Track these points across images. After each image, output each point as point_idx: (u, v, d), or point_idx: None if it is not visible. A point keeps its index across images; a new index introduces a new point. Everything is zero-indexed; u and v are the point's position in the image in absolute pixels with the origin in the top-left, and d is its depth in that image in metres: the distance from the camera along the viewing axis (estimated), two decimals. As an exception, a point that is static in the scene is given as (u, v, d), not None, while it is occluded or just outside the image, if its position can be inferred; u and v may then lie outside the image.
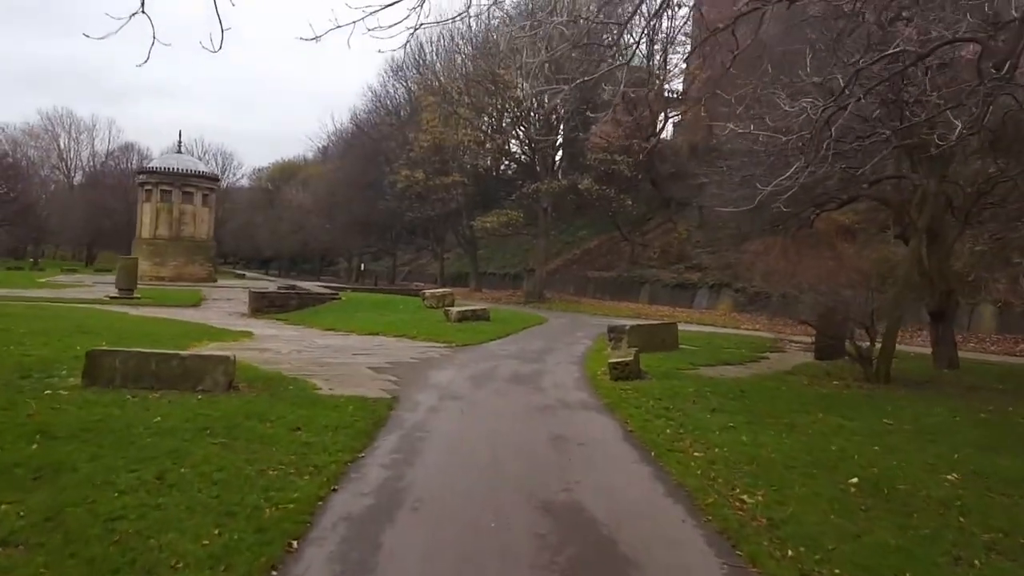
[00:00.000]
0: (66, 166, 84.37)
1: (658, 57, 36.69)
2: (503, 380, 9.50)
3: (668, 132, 42.91)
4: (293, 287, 29.81)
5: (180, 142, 47.77)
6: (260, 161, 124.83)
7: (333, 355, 11.89)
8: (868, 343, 10.17)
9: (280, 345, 13.13)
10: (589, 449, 5.82)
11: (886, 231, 23.58)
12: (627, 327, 13.10)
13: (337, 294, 25.01)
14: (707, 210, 35.62)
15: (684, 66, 39.84)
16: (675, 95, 41.13)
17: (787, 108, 8.89)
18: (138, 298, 25.20)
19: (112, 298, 24.68)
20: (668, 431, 6.34)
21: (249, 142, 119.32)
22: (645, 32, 35.86)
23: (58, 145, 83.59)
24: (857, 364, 10.19)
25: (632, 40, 37.59)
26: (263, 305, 22.94)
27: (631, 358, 9.55)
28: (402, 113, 41.53)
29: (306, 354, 11.86)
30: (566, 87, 6.17)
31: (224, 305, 25.46)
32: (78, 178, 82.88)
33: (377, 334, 16.25)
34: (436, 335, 15.66)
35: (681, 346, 14.00)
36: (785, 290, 24.81)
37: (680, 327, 20.91)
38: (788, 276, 25.70)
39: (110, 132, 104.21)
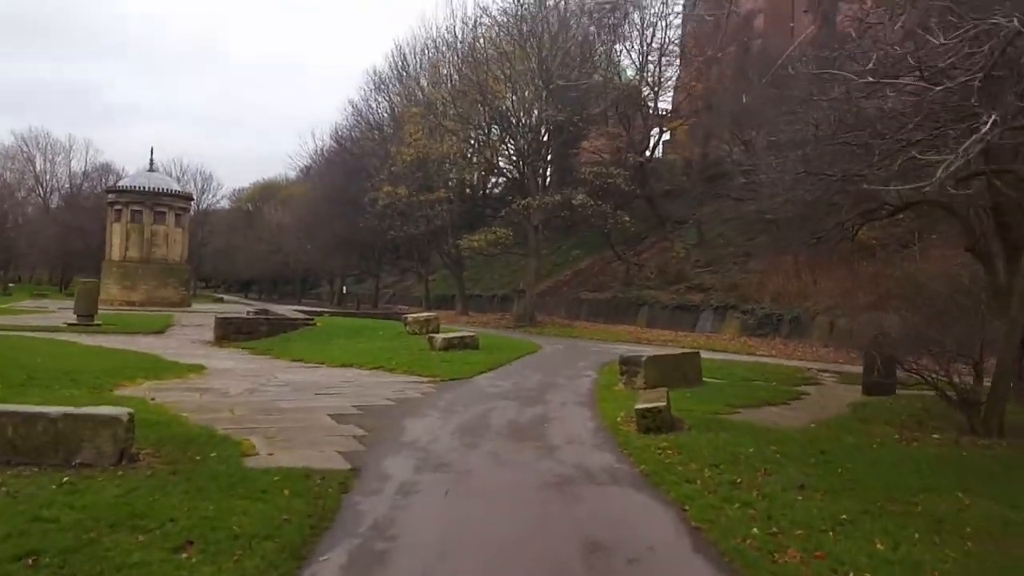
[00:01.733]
0: (42, 188, 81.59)
1: (652, 67, 35.28)
2: (500, 434, 7.41)
3: (658, 151, 41.45)
4: (265, 312, 27.58)
5: (152, 160, 45.46)
6: (242, 182, 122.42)
7: (291, 396, 9.75)
8: (970, 383, 8.11)
9: (231, 383, 10.98)
10: (647, 572, 3.78)
11: (908, 247, 21.88)
12: (643, 358, 11.09)
13: (312, 319, 22.83)
14: (706, 228, 34.03)
15: (676, 76, 38.51)
16: (665, 112, 39.74)
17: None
18: (98, 325, 22.93)
19: (70, 325, 22.40)
20: (754, 529, 4.30)
21: (231, 163, 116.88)
22: (638, 42, 34.54)
23: (34, 167, 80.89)
24: (951, 407, 8.13)
25: (624, 50, 36.36)
26: (229, 332, 20.70)
27: (663, 403, 7.51)
28: (385, 128, 39.74)
29: (258, 396, 9.71)
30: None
31: (191, 332, 23.19)
32: (55, 200, 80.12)
33: (350, 366, 14.12)
34: (418, 367, 13.56)
35: (704, 379, 12.00)
36: (799, 312, 23.07)
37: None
38: (800, 297, 23.98)
39: (87, 153, 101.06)
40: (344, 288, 52.40)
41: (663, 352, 18.77)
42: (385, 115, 40.52)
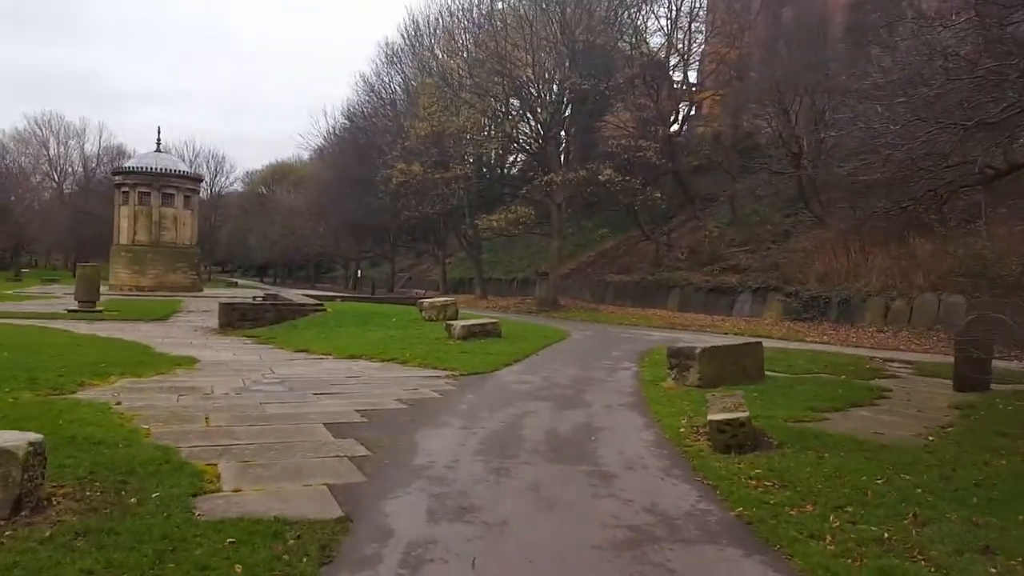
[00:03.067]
0: (56, 173, 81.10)
1: (681, 35, 33.05)
2: (537, 452, 5.78)
3: (685, 125, 39.18)
4: (274, 297, 26.19)
5: (159, 140, 44.04)
6: (256, 165, 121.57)
7: (285, 398, 8.21)
8: None
9: (220, 380, 9.48)
10: None
11: (971, 223, 19.79)
12: (696, 350, 9.39)
13: (321, 305, 21.36)
14: (740, 205, 31.96)
15: (703, 45, 36.15)
16: (694, 85, 37.45)
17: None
18: (100, 311, 21.73)
19: (70, 312, 21.24)
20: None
21: (245, 146, 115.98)
22: (666, 6, 32.33)
23: (47, 151, 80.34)
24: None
25: (652, 15, 34.06)
26: (234, 319, 19.32)
27: (744, 412, 5.84)
28: (398, 104, 37.94)
29: (246, 397, 8.18)
30: None
31: (196, 319, 21.89)
32: (69, 184, 79.58)
33: (359, 357, 12.59)
34: (434, 359, 12.00)
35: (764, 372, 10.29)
36: (848, 294, 21.11)
37: (725, 340, 17.25)
38: (849, 277, 21.98)
39: (100, 136, 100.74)
40: (359, 272, 51.04)
41: (703, 339, 17.10)
42: (398, 89, 38.73)
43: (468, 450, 5.70)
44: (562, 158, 29.10)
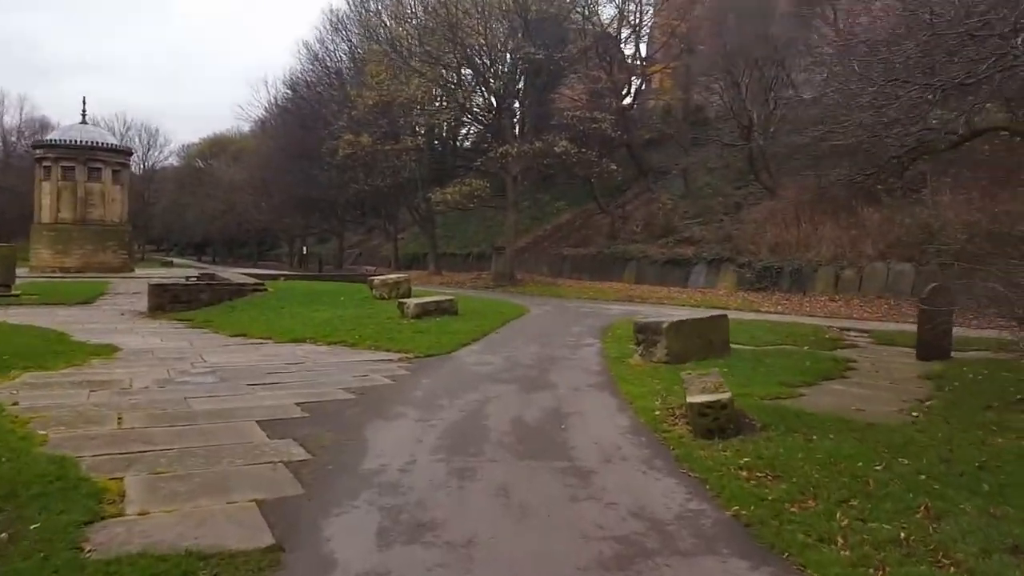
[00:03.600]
0: (-32, 146, 75.16)
1: (633, 7, 32.35)
2: (504, 446, 5.14)
3: (636, 100, 38.70)
4: (211, 277, 24.70)
5: (84, 111, 40.96)
6: (193, 138, 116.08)
7: (214, 390, 7.34)
8: None
9: (141, 371, 8.49)
10: None
11: (917, 192, 19.96)
12: (663, 324, 8.91)
13: (263, 284, 20.13)
14: (692, 178, 31.86)
15: (652, 19, 35.54)
16: (644, 60, 36.90)
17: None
18: (16, 295, 19.94)
19: (-19, 296, 19.43)
20: None
21: (182, 120, 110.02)
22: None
23: (-41, 123, 74.24)
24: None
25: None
26: (165, 301, 17.95)
27: (726, 393, 5.33)
28: (344, 72, 36.18)
29: (170, 391, 7.27)
30: None
31: (124, 301, 20.38)
32: (-16, 159, 73.92)
33: (303, 341, 11.68)
34: (386, 340, 11.22)
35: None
36: (800, 263, 21.16)
37: (684, 312, 17.00)
38: (800, 247, 22.04)
39: (22, 108, 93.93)
40: (304, 249, 49.17)
41: (663, 311, 16.74)
42: (344, 57, 36.92)
43: (426, 447, 5.01)
44: (516, 130, 28.26)
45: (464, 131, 38.69)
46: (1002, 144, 13.73)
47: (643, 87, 36.26)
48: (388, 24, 28.71)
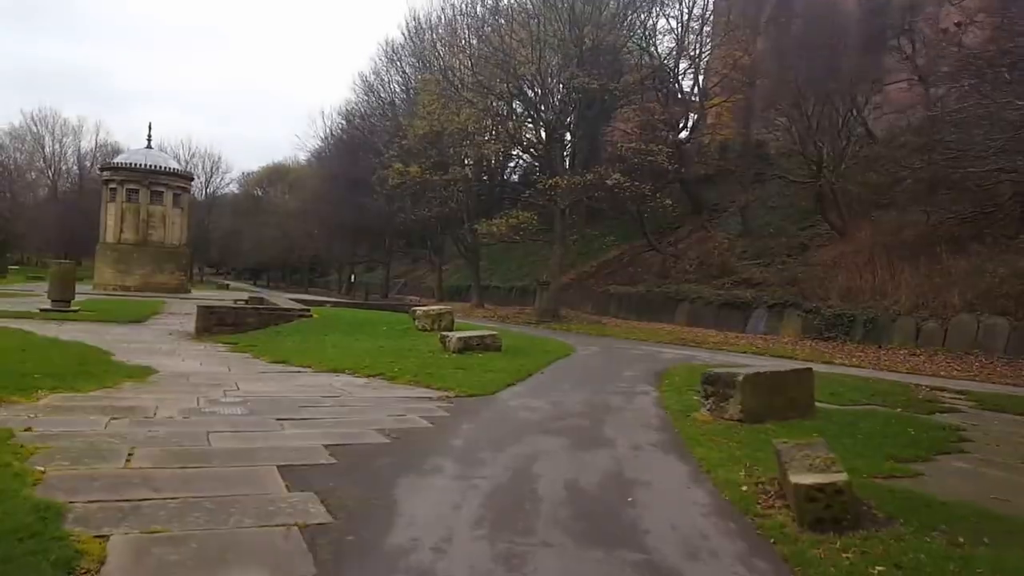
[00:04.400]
0: (51, 170, 79.43)
1: (692, 38, 31.79)
2: (559, 523, 4.29)
3: (692, 134, 37.81)
4: (260, 301, 24.69)
5: (150, 136, 42.59)
6: (252, 166, 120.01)
7: (241, 424, 6.74)
8: None
9: (169, 397, 7.99)
10: None
11: (1012, 238, 18.36)
12: (738, 377, 7.93)
13: (308, 310, 19.87)
14: (750, 216, 30.60)
15: (710, 51, 34.76)
16: (700, 91, 36.11)
17: None
18: (75, 311, 20.29)
19: (43, 311, 19.80)
20: None
21: (243, 147, 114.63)
22: (677, 7, 31.09)
23: (42, 148, 78.71)
24: None
25: (663, 16, 32.86)
26: (211, 324, 17.84)
27: (839, 476, 4.37)
28: (397, 103, 36.65)
29: (193, 424, 6.70)
30: None
31: (175, 322, 20.42)
32: (67, 183, 77.88)
33: (342, 371, 11.11)
34: (426, 375, 10.54)
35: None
36: (875, 312, 19.62)
37: (745, 359, 15.83)
38: (875, 295, 20.51)
39: (97, 134, 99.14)
40: (352, 277, 49.50)
41: (720, 358, 15.71)
42: (398, 88, 37.44)
43: (465, 518, 4.20)
44: (567, 162, 27.74)
45: (512, 164, 38.54)
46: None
47: (700, 122, 35.41)
48: (441, 54, 28.87)
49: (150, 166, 39.87)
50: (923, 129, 28.49)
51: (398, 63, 37.43)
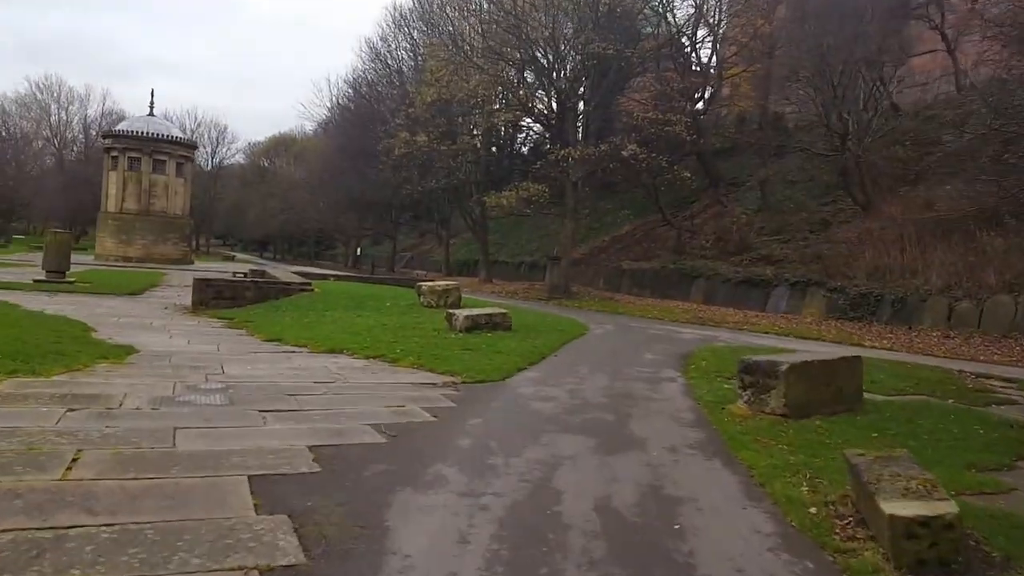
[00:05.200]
0: (57, 138, 78.40)
1: (711, 4, 30.22)
2: (593, 561, 3.42)
3: (709, 105, 36.27)
4: (261, 273, 23.88)
5: (152, 104, 41.51)
6: (260, 136, 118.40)
7: (216, 418, 5.89)
8: None
9: (143, 383, 7.16)
10: None
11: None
12: (782, 366, 6.99)
13: (309, 284, 19.02)
14: (769, 190, 29.36)
15: (726, 20, 33.07)
16: (720, 63, 34.51)
17: None
18: (71, 283, 19.63)
19: (37, 282, 19.14)
20: None
21: (251, 117, 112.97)
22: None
23: (48, 116, 77.54)
24: None
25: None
26: (208, 297, 17.10)
27: (946, 507, 3.46)
28: (404, 70, 35.37)
29: (160, 416, 5.86)
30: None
31: (172, 294, 19.73)
32: (73, 152, 76.79)
33: (340, 352, 10.27)
34: (431, 357, 9.68)
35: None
36: (904, 292, 18.57)
37: (769, 340, 14.90)
38: (904, 274, 19.42)
39: (103, 103, 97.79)
40: (359, 250, 48.63)
41: (743, 339, 14.79)
42: (405, 55, 36.11)
43: (474, 557, 3.32)
44: (580, 132, 26.53)
45: (523, 135, 37.28)
46: None
47: (718, 92, 33.97)
48: (451, 18, 27.55)
49: (153, 134, 38.89)
50: (952, 101, 27.20)
51: (406, 28, 36.07)
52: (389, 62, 38.40)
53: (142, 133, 39.15)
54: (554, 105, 26.78)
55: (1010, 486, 4.95)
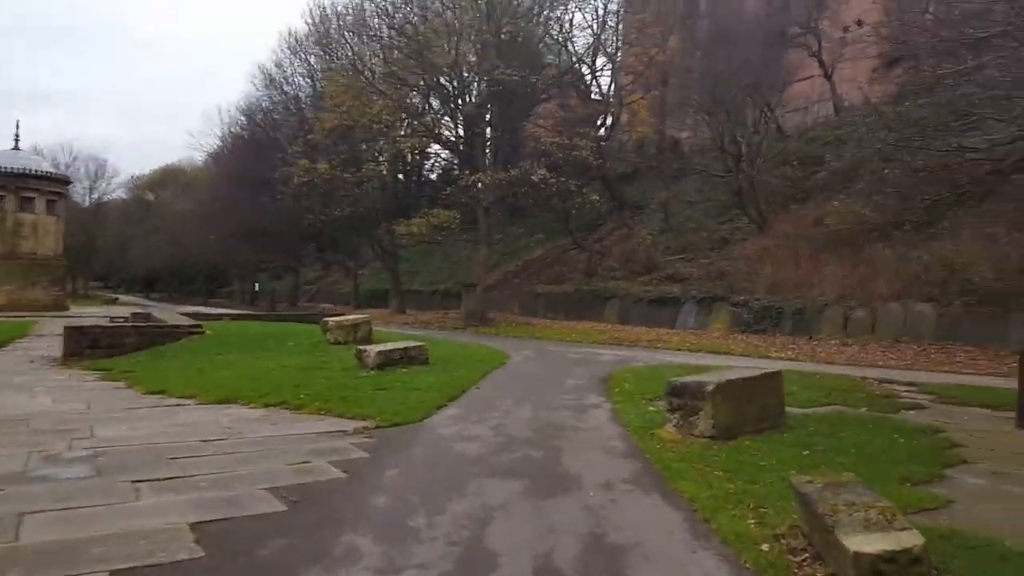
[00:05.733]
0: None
1: (609, 33, 31.25)
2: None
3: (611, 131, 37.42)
4: (146, 317, 21.84)
5: (17, 136, 37.69)
6: (144, 170, 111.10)
7: (75, 496, 4.90)
8: None
9: (-10, 456, 5.99)
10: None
11: (931, 226, 18.57)
12: (708, 387, 6.80)
13: (199, 326, 17.46)
14: (671, 212, 30.37)
15: (622, 48, 34.39)
16: (620, 89, 35.75)
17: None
18: (-83, 337, 16.99)
19: None
20: None
21: (136, 153, 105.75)
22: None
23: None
24: None
25: (580, 12, 32.16)
26: (82, 347, 15.22)
27: (910, 537, 3.21)
28: (302, 97, 34.19)
29: (8, 498, 4.81)
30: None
31: (43, 344, 17.49)
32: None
33: (234, 401, 9.20)
34: (340, 401, 8.87)
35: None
36: (802, 303, 19.45)
37: (683, 358, 15.06)
38: (801, 286, 20.37)
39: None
40: (256, 286, 46.05)
41: (660, 357, 14.81)
42: (302, 81, 34.92)
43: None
44: (488, 158, 26.42)
45: (431, 161, 36.84)
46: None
47: (618, 119, 35.07)
48: (350, 43, 26.87)
49: (18, 169, 35.30)
50: (831, 123, 29.36)
51: (302, 54, 34.89)
52: (285, 88, 37.01)
53: (7, 169, 35.49)
54: (461, 131, 26.58)
55: (947, 498, 4.88)
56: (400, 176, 35.20)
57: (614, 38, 32.11)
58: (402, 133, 26.70)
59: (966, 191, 8.23)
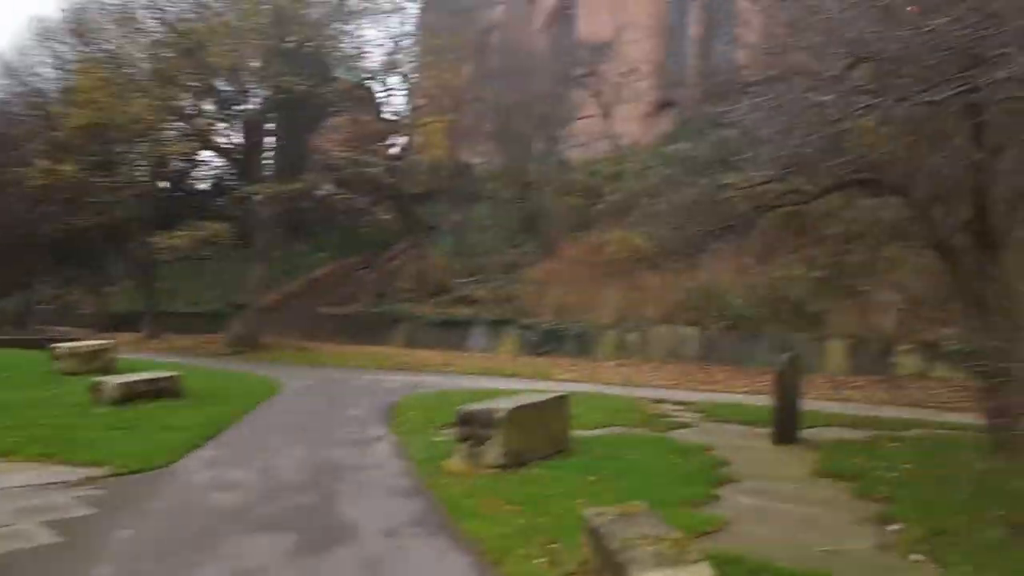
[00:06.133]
0: None
1: (404, 54, 31.03)
2: None
3: (404, 151, 37.33)
4: None
5: None
6: None
7: None
8: None
9: None
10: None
11: (691, 256, 21.03)
12: (498, 414, 6.65)
13: None
14: (464, 235, 30.86)
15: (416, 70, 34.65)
16: (414, 110, 35.83)
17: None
18: None
19: None
20: None
21: None
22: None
23: None
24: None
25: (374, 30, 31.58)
26: None
27: (703, 571, 3.20)
28: (48, 91, 28.92)
29: None
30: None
31: None
32: None
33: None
34: (65, 444, 7.25)
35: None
36: (584, 327, 20.80)
37: (471, 382, 15.06)
38: (582, 310, 21.82)
39: None
40: (-30, 304, 37.37)
41: (451, 381, 14.59)
42: (51, 72, 29.55)
43: None
44: (273, 168, 24.43)
45: (201, 170, 33.22)
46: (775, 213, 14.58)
47: (411, 139, 34.95)
48: (111, 32, 23.26)
49: None
50: (609, 158, 32.37)
51: (49, 42, 29.47)
52: (27, 79, 30.98)
53: None
54: (239, 139, 24.28)
55: (724, 520, 5.17)
56: (165, 182, 31.21)
57: (408, 60, 32.02)
58: (169, 136, 23.66)
59: (728, 226, 9.41)
